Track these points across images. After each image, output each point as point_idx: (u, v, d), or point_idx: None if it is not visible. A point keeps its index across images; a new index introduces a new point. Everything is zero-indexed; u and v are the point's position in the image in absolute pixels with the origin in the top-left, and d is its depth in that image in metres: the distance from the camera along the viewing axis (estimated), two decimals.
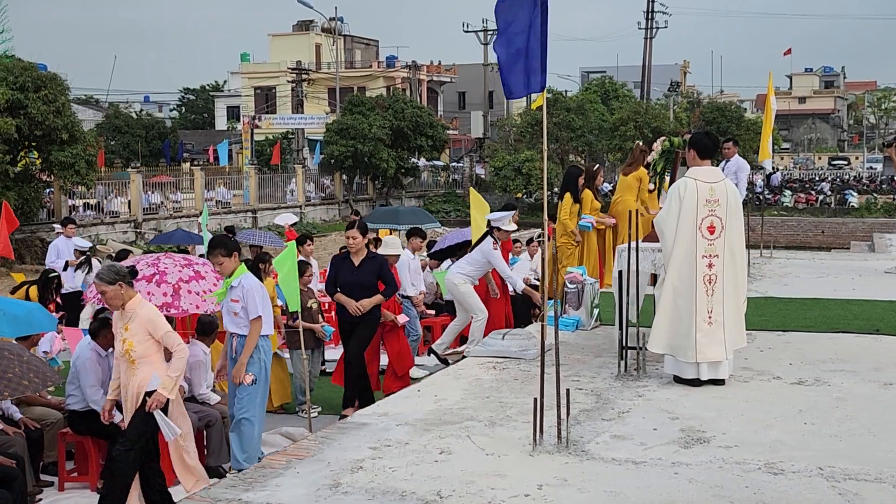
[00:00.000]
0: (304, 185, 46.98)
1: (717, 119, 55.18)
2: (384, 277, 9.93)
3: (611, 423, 6.61)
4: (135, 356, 7.13)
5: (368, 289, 9.80)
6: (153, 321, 7.12)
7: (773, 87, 15.50)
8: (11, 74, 28.22)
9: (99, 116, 64.46)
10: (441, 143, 52.35)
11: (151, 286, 8.18)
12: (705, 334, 7.41)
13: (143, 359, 7.13)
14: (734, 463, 5.73)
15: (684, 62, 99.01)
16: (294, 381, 11.10)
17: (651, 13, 64.36)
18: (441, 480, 5.47)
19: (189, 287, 8.26)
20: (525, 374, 8.12)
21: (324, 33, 69.18)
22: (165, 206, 38.95)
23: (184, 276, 8.33)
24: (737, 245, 7.60)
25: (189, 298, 8.22)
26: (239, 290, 7.83)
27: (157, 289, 8.16)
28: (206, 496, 5.40)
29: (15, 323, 8.30)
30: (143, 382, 7.13)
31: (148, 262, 8.68)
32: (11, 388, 7.17)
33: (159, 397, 7.07)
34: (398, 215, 21.54)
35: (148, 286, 8.17)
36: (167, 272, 8.34)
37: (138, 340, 7.11)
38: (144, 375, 7.12)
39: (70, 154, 28.60)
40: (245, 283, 7.85)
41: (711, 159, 7.77)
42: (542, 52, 6.32)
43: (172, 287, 8.19)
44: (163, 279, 8.23)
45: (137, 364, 7.14)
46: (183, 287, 8.21)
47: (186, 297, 8.21)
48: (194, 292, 8.27)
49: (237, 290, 7.83)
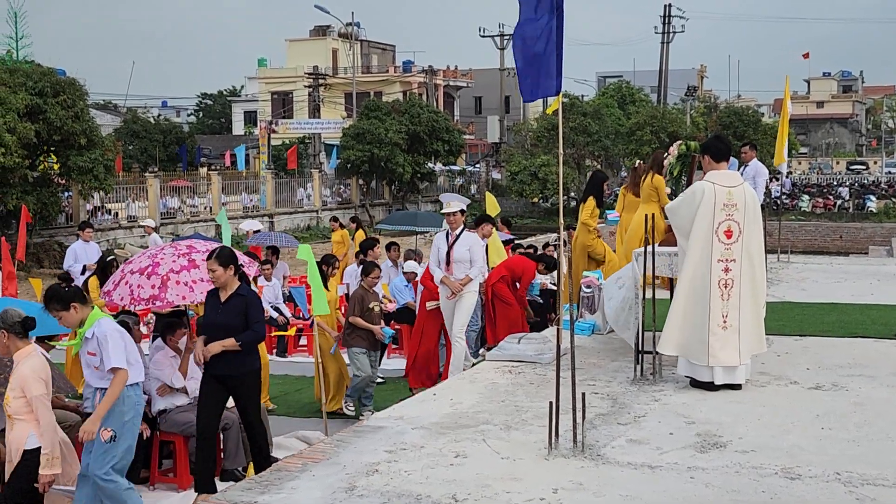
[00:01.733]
0: (320, 190, 47.10)
1: (735, 123, 55.00)
2: (252, 317, 7.64)
3: (627, 428, 6.59)
4: (10, 411, 6.65)
5: (234, 331, 7.56)
6: (27, 380, 6.57)
7: (791, 91, 15.47)
8: (31, 80, 28.44)
9: (117, 121, 64.79)
10: (457, 147, 52.44)
11: (142, 279, 8.11)
12: (718, 338, 7.39)
13: (17, 415, 6.64)
14: (751, 468, 5.71)
15: (701, 66, 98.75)
16: (353, 378, 11.18)
17: (668, 17, 64.26)
18: (456, 484, 5.47)
19: (179, 277, 8.11)
20: (541, 377, 8.11)
21: (341, 38, 69.40)
22: (182, 210, 39.12)
23: (175, 266, 8.19)
24: (755, 249, 7.57)
25: (176, 290, 8.09)
26: (93, 342, 6.71)
27: (146, 281, 8.09)
28: (223, 499, 5.42)
29: None
30: (20, 441, 6.67)
31: (150, 254, 8.63)
32: None
33: (47, 479, 6.62)
34: (416, 218, 21.60)
35: (140, 279, 8.13)
36: (161, 263, 8.21)
37: (14, 396, 6.63)
38: (20, 433, 6.67)
39: (88, 159, 28.80)
40: (99, 332, 6.69)
41: (728, 162, 7.73)
42: (557, 56, 6.33)
43: (161, 279, 8.08)
44: (154, 271, 8.11)
45: (14, 420, 6.67)
46: (172, 278, 8.09)
47: (174, 289, 8.08)
48: (182, 282, 8.12)
49: (91, 341, 6.72)
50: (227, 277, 7.54)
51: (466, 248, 10.49)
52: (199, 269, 8.21)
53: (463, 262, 10.42)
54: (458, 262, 10.42)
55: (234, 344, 7.51)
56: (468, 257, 10.43)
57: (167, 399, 8.61)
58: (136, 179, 40.39)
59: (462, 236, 10.55)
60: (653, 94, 70.33)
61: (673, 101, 70.01)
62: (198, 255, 8.34)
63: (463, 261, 10.40)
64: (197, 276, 8.18)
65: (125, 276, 8.31)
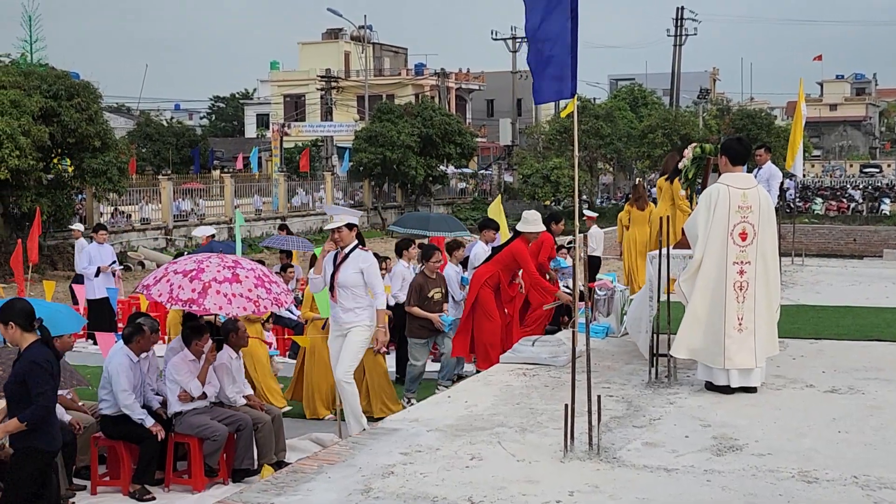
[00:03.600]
0: (332, 193, 47.18)
1: (748, 126, 54.87)
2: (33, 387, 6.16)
3: (642, 431, 6.58)
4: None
5: (13, 402, 6.26)
6: None
7: (804, 93, 15.43)
8: (45, 83, 28.59)
9: (130, 124, 65.08)
10: (469, 150, 52.48)
11: (185, 280, 8.27)
12: (734, 341, 7.37)
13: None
14: (767, 471, 5.69)
15: (714, 69, 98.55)
16: (409, 368, 11.12)
17: (680, 20, 64.16)
18: (472, 486, 5.46)
19: (220, 287, 8.24)
20: (555, 380, 8.10)
21: (353, 41, 69.52)
22: (195, 212, 39.24)
23: (219, 276, 8.34)
24: (769, 252, 7.55)
25: (215, 298, 8.21)
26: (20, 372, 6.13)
27: (188, 283, 8.24)
28: (239, 499, 5.43)
29: None
30: None
31: (196, 259, 8.73)
32: None
33: None
34: (429, 221, 21.56)
35: (182, 280, 8.27)
36: (205, 270, 8.37)
37: None
38: None
39: (102, 161, 28.92)
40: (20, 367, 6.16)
41: (744, 165, 7.72)
42: (572, 58, 6.32)
43: (203, 284, 8.21)
44: (198, 276, 8.27)
45: None
46: (213, 286, 8.21)
47: (213, 297, 8.19)
48: (222, 293, 8.25)
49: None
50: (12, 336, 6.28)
51: (357, 271, 8.63)
52: (241, 284, 8.36)
53: (352, 289, 8.61)
54: (344, 288, 8.63)
55: (17, 426, 6.14)
56: (360, 282, 8.61)
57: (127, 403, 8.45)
58: (150, 182, 40.54)
59: (352, 256, 8.69)
60: (665, 97, 70.22)
61: (685, 104, 69.85)
62: (242, 271, 8.49)
63: (351, 286, 8.59)
64: (238, 290, 8.32)
65: (167, 275, 8.43)
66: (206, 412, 8.56)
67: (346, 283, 8.59)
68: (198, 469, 8.43)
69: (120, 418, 8.38)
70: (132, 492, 8.26)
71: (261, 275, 8.68)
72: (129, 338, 8.62)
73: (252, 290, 8.37)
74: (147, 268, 30.20)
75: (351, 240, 8.70)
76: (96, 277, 16.00)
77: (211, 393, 8.64)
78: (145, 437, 8.31)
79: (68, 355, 9.00)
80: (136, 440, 8.38)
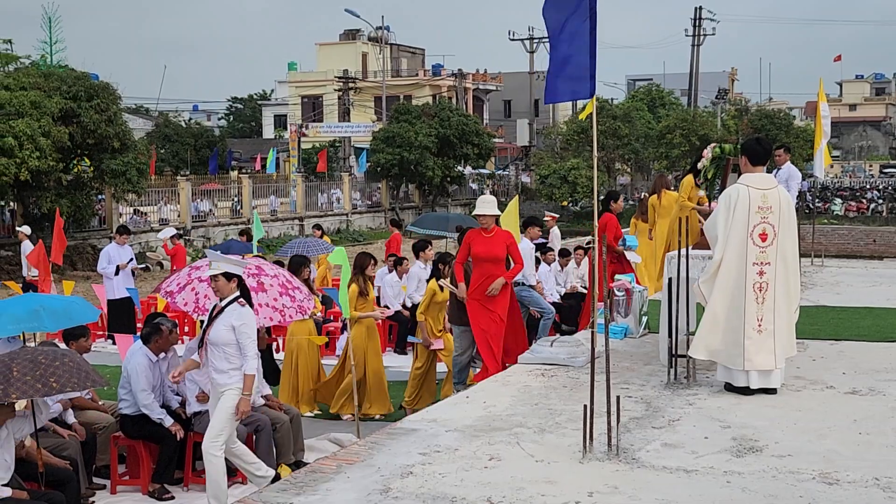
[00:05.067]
0: (350, 193, 47.25)
1: (766, 126, 54.58)
2: None
3: (661, 432, 6.56)
4: None
5: None
6: None
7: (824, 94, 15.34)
8: (65, 84, 28.72)
9: (149, 125, 65.30)
10: (487, 151, 52.44)
11: (210, 290, 8.17)
12: (754, 342, 7.34)
13: None
14: (788, 472, 5.66)
15: (732, 69, 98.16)
16: (454, 360, 10.96)
17: (699, 20, 63.94)
18: (491, 487, 5.46)
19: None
20: (574, 381, 8.09)
21: (370, 42, 69.57)
22: (213, 213, 39.37)
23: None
24: (790, 253, 7.52)
25: None
26: None
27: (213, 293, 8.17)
28: (258, 499, 5.44)
29: (55, 317, 8.40)
30: None
31: None
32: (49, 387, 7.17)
33: None
34: (448, 222, 21.51)
35: (207, 289, 8.16)
36: None
37: None
38: None
39: (121, 162, 29.04)
40: None
41: (764, 166, 7.68)
42: (590, 59, 6.31)
43: None
44: None
45: None
46: None
47: None
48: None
49: None
50: None
51: (228, 328, 7.38)
52: (267, 293, 8.25)
53: (223, 347, 7.41)
54: (215, 346, 7.45)
55: None
56: (233, 340, 7.37)
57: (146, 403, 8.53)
58: (168, 183, 40.69)
59: (227, 311, 7.45)
60: (683, 98, 69.98)
61: (703, 105, 69.59)
62: (266, 279, 8.40)
63: (223, 344, 7.39)
64: (263, 299, 8.23)
65: (192, 282, 8.31)
66: None
67: (217, 341, 7.41)
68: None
69: (139, 418, 8.42)
70: (151, 491, 8.30)
71: (284, 282, 8.62)
72: (147, 338, 8.66)
73: (277, 300, 8.33)
74: (165, 268, 30.33)
75: (229, 292, 7.47)
76: (116, 277, 16.06)
77: None
78: (164, 436, 8.35)
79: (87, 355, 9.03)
80: (155, 439, 8.42)
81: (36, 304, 8.38)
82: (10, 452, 6.97)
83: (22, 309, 8.25)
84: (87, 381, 7.02)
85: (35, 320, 8.17)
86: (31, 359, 6.82)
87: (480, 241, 10.31)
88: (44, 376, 6.72)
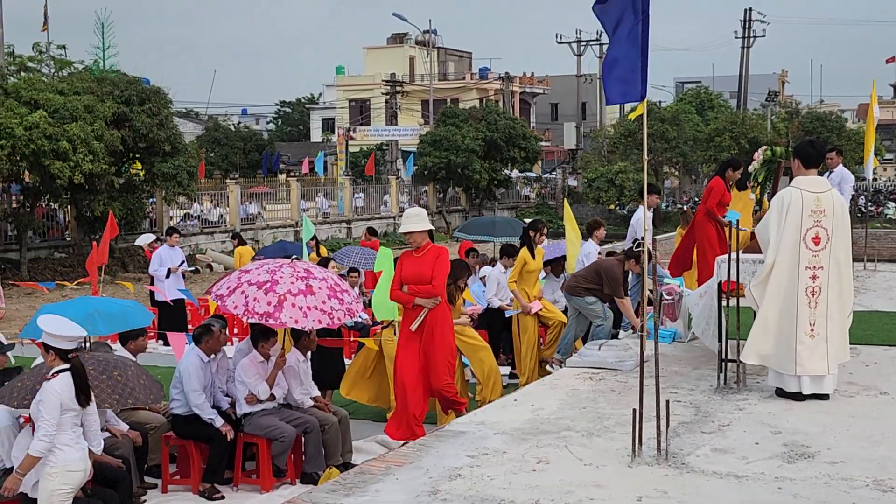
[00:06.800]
0: (397, 196, 47.42)
1: (818, 129, 53.84)
2: None
3: (711, 436, 6.51)
4: None
5: None
6: None
7: (876, 95, 15.14)
8: (117, 88, 29.17)
9: (199, 129, 66.02)
10: (534, 154, 52.32)
11: (259, 293, 8.15)
12: (806, 347, 7.26)
13: None
14: (840, 479, 5.59)
15: (782, 71, 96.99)
16: (594, 330, 11.07)
17: (748, 22, 63.27)
18: (539, 490, 5.46)
19: (295, 300, 8.17)
20: (622, 385, 8.05)
21: (418, 46, 69.78)
22: (262, 216, 39.71)
23: (293, 288, 8.23)
24: (843, 257, 7.42)
25: (291, 312, 8.14)
26: None
27: (263, 296, 8.12)
28: (308, 499, 5.49)
29: (110, 321, 8.50)
30: None
31: (268, 268, 8.54)
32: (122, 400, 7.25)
33: None
34: (494, 226, 21.45)
35: (257, 292, 8.16)
36: (279, 282, 8.19)
37: None
38: None
39: (172, 165, 29.41)
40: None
41: (817, 168, 7.60)
42: (642, 61, 6.28)
43: (278, 297, 8.10)
44: (272, 288, 8.14)
45: None
46: (288, 299, 8.13)
47: (289, 311, 8.12)
48: (298, 306, 8.19)
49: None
50: None
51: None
52: (315, 296, 8.27)
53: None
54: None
55: None
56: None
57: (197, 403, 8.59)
58: (218, 186, 41.11)
59: None
60: (732, 100, 69.27)
61: (753, 107, 68.83)
62: (315, 282, 8.40)
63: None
64: (312, 302, 8.21)
65: (241, 286, 8.30)
66: (274, 413, 8.66)
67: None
68: (266, 469, 8.52)
69: (190, 418, 8.52)
70: (202, 490, 8.39)
71: (333, 285, 8.63)
72: (198, 338, 8.76)
73: (325, 302, 8.32)
74: (215, 270, 30.65)
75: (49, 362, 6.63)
76: (167, 279, 16.25)
77: (279, 395, 8.74)
78: (215, 436, 8.44)
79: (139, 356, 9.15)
80: (205, 440, 8.51)
81: (91, 307, 8.47)
82: None
83: (78, 312, 8.33)
84: (127, 400, 6.98)
85: (90, 324, 8.25)
86: None
87: (409, 263, 8.72)
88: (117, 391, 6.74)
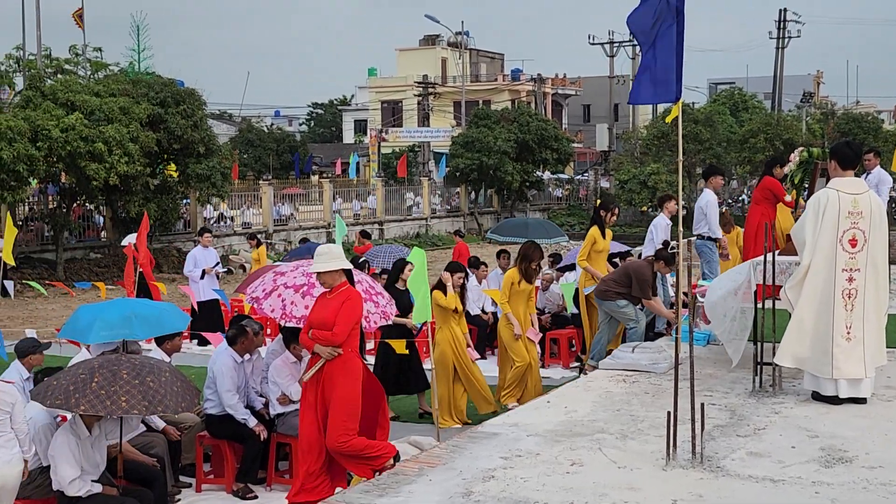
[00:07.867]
0: (429, 198, 47.46)
1: (854, 130, 53.29)
2: None
3: (746, 440, 6.46)
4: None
5: None
6: None
7: None
8: (152, 90, 29.40)
9: (232, 131, 66.42)
10: (566, 156, 52.16)
11: (296, 296, 8.17)
12: (843, 350, 7.18)
13: None
14: (879, 484, 5.53)
15: (818, 72, 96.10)
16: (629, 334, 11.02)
17: (783, 22, 62.76)
18: (573, 492, 5.44)
19: None
20: (655, 387, 8.01)
21: (450, 47, 69.82)
22: (295, 217, 39.86)
23: None
24: (880, 259, 7.34)
25: None
26: None
27: (300, 300, 8.14)
28: (342, 500, 5.50)
29: (146, 324, 8.54)
30: None
31: (304, 271, 8.46)
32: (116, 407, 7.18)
33: None
34: (527, 228, 21.38)
35: (294, 295, 8.19)
36: (316, 285, 8.14)
37: None
38: None
39: (206, 167, 29.60)
40: None
41: (854, 169, 7.51)
42: (677, 62, 6.24)
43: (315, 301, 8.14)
44: (309, 291, 8.14)
45: None
46: None
47: None
48: None
49: None
50: None
51: None
52: None
53: None
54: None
55: None
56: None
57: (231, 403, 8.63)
58: (251, 187, 41.33)
59: None
60: (766, 101, 68.72)
61: (788, 108, 68.25)
62: None
63: None
64: None
65: (277, 288, 8.32)
66: None
67: None
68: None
69: (224, 418, 8.56)
70: (235, 490, 8.43)
71: (367, 288, 8.63)
72: (232, 339, 8.80)
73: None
74: (248, 271, 30.80)
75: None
76: (201, 280, 16.35)
77: None
78: (248, 436, 8.47)
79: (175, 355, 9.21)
80: (239, 439, 8.55)
81: (128, 310, 8.48)
82: (101, 452, 7.14)
83: (115, 315, 8.34)
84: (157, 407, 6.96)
85: (126, 327, 8.25)
86: (115, 371, 6.83)
87: (318, 305, 7.51)
88: (116, 394, 6.67)
